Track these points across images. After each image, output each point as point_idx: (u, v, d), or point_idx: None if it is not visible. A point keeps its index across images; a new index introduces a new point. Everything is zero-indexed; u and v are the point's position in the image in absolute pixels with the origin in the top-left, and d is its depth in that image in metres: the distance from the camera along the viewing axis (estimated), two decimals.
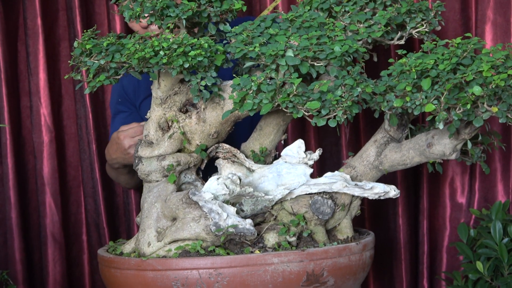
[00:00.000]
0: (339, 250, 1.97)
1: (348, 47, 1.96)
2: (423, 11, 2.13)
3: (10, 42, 2.81)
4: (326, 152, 2.81)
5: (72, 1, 2.82)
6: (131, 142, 2.37)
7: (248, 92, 1.91)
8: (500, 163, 2.64)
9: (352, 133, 2.82)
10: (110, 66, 1.99)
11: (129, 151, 2.38)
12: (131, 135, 2.38)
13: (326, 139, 2.86)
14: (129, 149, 2.38)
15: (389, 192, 2.05)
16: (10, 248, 2.77)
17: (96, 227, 2.89)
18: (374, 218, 2.85)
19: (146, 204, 2.07)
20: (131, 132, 2.38)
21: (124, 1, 2.07)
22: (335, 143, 2.86)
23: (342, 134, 2.81)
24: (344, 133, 2.80)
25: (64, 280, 2.85)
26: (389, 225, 2.84)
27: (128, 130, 2.39)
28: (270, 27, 2.05)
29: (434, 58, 1.88)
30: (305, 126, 2.83)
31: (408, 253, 2.79)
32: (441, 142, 2.01)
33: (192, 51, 1.92)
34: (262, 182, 2.08)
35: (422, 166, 2.52)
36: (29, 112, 2.84)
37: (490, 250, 2.41)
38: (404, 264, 2.78)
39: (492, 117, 1.81)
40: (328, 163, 2.83)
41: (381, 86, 1.92)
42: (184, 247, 1.95)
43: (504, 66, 1.82)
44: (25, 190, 2.84)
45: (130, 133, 2.38)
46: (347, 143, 2.81)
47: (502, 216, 2.47)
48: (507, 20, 2.59)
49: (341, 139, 2.83)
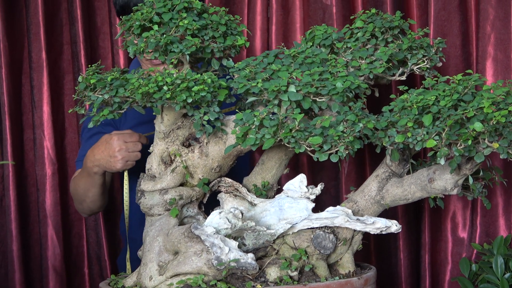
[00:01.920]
0: (341, 285, 1.97)
1: (350, 83, 1.97)
2: (424, 48, 2.15)
3: (14, 75, 2.82)
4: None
5: (77, 35, 2.85)
6: (122, 146, 2.27)
7: (251, 127, 1.92)
8: (502, 198, 2.64)
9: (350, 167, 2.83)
10: (114, 100, 2.00)
11: (116, 155, 2.28)
12: (126, 139, 2.28)
13: (322, 172, 2.86)
14: (118, 152, 2.28)
15: (390, 227, 2.05)
16: (11, 281, 2.77)
17: (97, 260, 2.89)
18: (376, 252, 2.84)
19: (148, 238, 2.07)
20: (126, 136, 2.29)
21: (128, 37, 2.09)
22: (333, 177, 2.87)
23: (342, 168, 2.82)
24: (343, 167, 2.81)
25: None
26: (390, 259, 2.84)
27: (123, 133, 2.31)
28: (273, 63, 2.07)
29: (435, 94, 1.89)
30: (299, 160, 2.84)
31: (409, 287, 2.78)
32: (442, 178, 2.01)
33: (195, 86, 1.93)
34: (264, 216, 2.08)
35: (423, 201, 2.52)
36: (33, 144, 2.85)
37: (492, 285, 2.40)
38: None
39: (493, 152, 1.82)
40: (324, 197, 2.83)
41: (382, 121, 1.93)
42: (186, 281, 1.95)
43: (505, 102, 1.83)
44: (27, 222, 2.84)
45: (125, 137, 2.29)
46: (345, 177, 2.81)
47: (503, 251, 2.47)
48: (507, 56, 2.61)
49: (339, 173, 2.84)
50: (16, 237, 2.76)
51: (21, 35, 2.85)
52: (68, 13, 2.88)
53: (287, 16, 2.86)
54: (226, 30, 2.10)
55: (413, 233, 2.80)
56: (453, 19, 2.70)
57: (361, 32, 2.17)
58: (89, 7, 2.91)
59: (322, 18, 2.81)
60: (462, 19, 2.71)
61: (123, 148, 2.27)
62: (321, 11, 2.82)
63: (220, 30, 2.08)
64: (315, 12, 2.83)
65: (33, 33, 2.83)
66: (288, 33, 2.87)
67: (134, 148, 2.29)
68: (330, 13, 2.79)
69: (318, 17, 2.82)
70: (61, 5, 2.89)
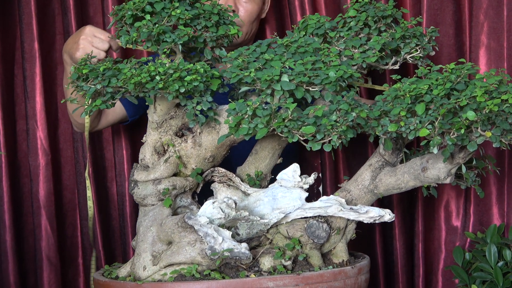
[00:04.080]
0: (334, 274, 1.97)
1: (343, 72, 1.97)
2: (417, 37, 2.15)
3: (6, 65, 2.81)
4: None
5: (69, 25, 2.84)
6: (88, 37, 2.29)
7: (244, 116, 1.92)
8: (495, 187, 2.64)
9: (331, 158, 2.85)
10: (107, 90, 2.00)
11: (79, 42, 2.29)
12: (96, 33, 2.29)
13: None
14: (82, 39, 2.29)
15: (384, 216, 2.06)
16: (4, 272, 2.77)
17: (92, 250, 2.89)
18: (369, 241, 2.85)
19: (141, 228, 2.07)
20: (98, 31, 2.29)
21: (121, 27, 2.08)
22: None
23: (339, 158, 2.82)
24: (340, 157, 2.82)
25: None
26: (385, 248, 2.84)
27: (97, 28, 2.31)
28: (266, 53, 2.06)
29: (428, 83, 1.89)
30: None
31: (404, 276, 2.79)
32: (435, 167, 2.01)
33: (188, 76, 1.93)
34: (258, 206, 2.09)
35: (417, 190, 2.53)
36: (26, 135, 2.84)
37: (485, 273, 2.41)
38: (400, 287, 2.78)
39: (486, 141, 1.82)
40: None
41: (375, 111, 1.93)
42: (180, 271, 1.95)
43: (498, 91, 1.83)
44: (21, 213, 2.84)
45: (97, 31, 2.29)
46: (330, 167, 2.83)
47: (497, 239, 2.48)
48: (500, 45, 2.61)
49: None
50: (9, 228, 2.76)
51: (13, 25, 2.84)
52: (60, 3, 2.87)
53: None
54: (219, 20, 2.09)
55: (407, 222, 2.81)
56: (446, 8, 2.70)
57: (354, 21, 2.17)
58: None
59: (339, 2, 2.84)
60: (455, 8, 2.71)
61: (88, 39, 2.29)
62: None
63: (213, 20, 2.08)
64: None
65: (25, 23, 2.82)
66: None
67: (99, 44, 2.30)
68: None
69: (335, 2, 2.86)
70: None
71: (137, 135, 2.89)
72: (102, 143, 2.91)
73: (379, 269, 2.85)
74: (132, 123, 2.80)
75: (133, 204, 2.86)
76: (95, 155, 2.88)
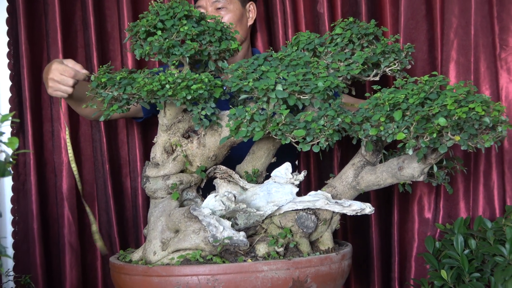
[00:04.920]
0: (321, 260, 1.97)
1: (330, 82, 1.96)
2: (396, 52, 2.15)
3: (35, 74, 2.80)
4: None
5: (90, 39, 2.83)
6: (55, 76, 2.21)
7: (243, 121, 1.92)
8: (462, 184, 2.64)
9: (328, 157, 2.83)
10: (122, 97, 1.99)
11: (48, 82, 2.23)
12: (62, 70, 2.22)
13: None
14: (50, 80, 2.22)
15: (365, 209, 2.06)
16: (32, 255, 2.76)
17: (108, 237, 2.88)
18: (352, 231, 2.84)
19: (152, 218, 2.06)
20: (63, 68, 2.22)
21: (135, 41, 2.08)
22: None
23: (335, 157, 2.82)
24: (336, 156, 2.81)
25: (80, 284, 2.82)
26: (365, 237, 2.84)
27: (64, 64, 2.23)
28: (262, 65, 2.06)
29: (404, 93, 1.89)
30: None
31: (381, 262, 2.78)
32: (410, 166, 2.01)
33: (194, 85, 1.92)
34: (254, 199, 2.08)
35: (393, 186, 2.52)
36: (51, 135, 2.83)
37: (453, 260, 2.41)
38: (378, 272, 2.78)
39: (455, 144, 1.82)
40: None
41: (358, 117, 1.93)
42: (185, 256, 1.94)
43: (466, 100, 1.83)
44: (46, 204, 2.83)
45: (62, 68, 2.21)
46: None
47: (463, 230, 2.47)
48: (468, 60, 2.61)
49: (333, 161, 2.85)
50: (36, 217, 2.75)
51: (40, 39, 2.83)
52: (82, 20, 2.86)
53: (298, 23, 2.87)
54: (221, 36, 2.09)
55: (384, 215, 2.80)
56: (421, 27, 2.69)
57: (340, 38, 2.17)
58: (101, 15, 2.89)
59: (318, 23, 2.82)
60: (429, 27, 2.70)
61: (54, 79, 2.23)
62: (317, 18, 2.83)
63: (216, 36, 2.07)
64: (312, 19, 2.85)
65: (51, 38, 2.81)
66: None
67: (65, 82, 2.24)
68: (323, 20, 2.80)
69: (314, 23, 2.84)
70: (75, 13, 2.87)
71: (149, 137, 2.89)
72: (118, 144, 2.90)
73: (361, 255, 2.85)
74: (144, 125, 2.79)
75: (145, 197, 2.85)
76: (111, 154, 2.87)
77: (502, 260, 2.31)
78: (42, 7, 2.83)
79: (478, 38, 2.60)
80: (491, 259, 2.33)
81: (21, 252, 2.79)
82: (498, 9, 2.60)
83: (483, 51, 2.59)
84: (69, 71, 2.24)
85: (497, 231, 2.41)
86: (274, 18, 2.91)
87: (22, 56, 2.76)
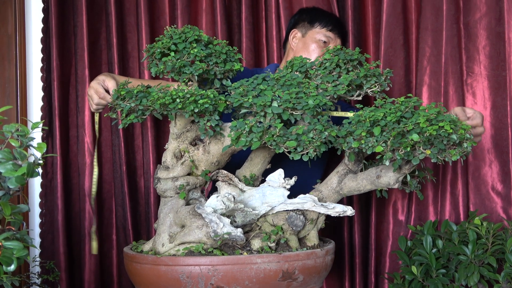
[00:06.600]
0: (307, 254, 1.96)
1: (319, 101, 1.96)
2: (376, 76, 2.14)
3: (63, 87, 2.81)
4: None
5: (113, 57, 2.83)
6: (92, 95, 2.36)
7: (243, 132, 1.91)
8: (431, 192, 2.64)
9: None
10: (139, 108, 1.99)
11: (89, 99, 2.39)
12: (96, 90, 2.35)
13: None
14: (90, 97, 2.38)
15: (347, 211, 2.05)
16: (56, 243, 2.75)
17: (123, 229, 2.87)
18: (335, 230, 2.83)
19: (162, 214, 2.06)
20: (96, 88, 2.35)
21: (151, 60, 2.08)
22: None
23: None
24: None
25: (97, 269, 2.82)
26: (346, 236, 2.83)
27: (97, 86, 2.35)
28: (261, 84, 2.06)
29: (383, 112, 1.89)
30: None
31: (360, 257, 2.78)
32: (387, 175, 2.01)
33: (201, 99, 1.92)
34: (251, 200, 2.08)
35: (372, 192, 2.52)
36: (76, 140, 2.83)
37: (422, 257, 2.40)
38: (359, 266, 2.77)
39: (426, 157, 1.82)
40: None
41: (343, 131, 1.93)
42: (190, 248, 1.93)
43: (436, 119, 1.83)
44: (70, 199, 2.82)
45: (96, 88, 2.35)
46: None
47: (432, 232, 2.47)
48: (439, 84, 2.61)
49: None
50: (61, 210, 2.75)
51: (69, 56, 2.83)
52: (106, 41, 2.87)
53: None
54: (226, 58, 2.09)
55: (364, 216, 2.80)
56: (399, 55, 2.70)
57: (329, 63, 2.16)
58: (123, 37, 2.89)
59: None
60: (405, 55, 2.71)
61: (91, 97, 2.38)
62: None
63: (222, 58, 2.07)
64: None
65: (79, 55, 2.81)
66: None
67: (96, 101, 2.37)
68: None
69: None
70: (101, 35, 2.88)
71: (161, 143, 2.89)
72: (134, 148, 2.90)
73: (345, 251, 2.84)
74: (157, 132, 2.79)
75: (156, 195, 2.84)
76: (128, 157, 2.86)
77: (465, 259, 2.30)
78: (72, 29, 2.84)
79: (448, 65, 2.60)
80: (455, 257, 2.33)
81: (47, 241, 2.78)
82: (466, 41, 2.61)
83: (452, 76, 2.60)
84: (99, 92, 2.36)
85: (461, 233, 2.40)
86: (269, 42, 2.92)
87: (53, 71, 2.77)
